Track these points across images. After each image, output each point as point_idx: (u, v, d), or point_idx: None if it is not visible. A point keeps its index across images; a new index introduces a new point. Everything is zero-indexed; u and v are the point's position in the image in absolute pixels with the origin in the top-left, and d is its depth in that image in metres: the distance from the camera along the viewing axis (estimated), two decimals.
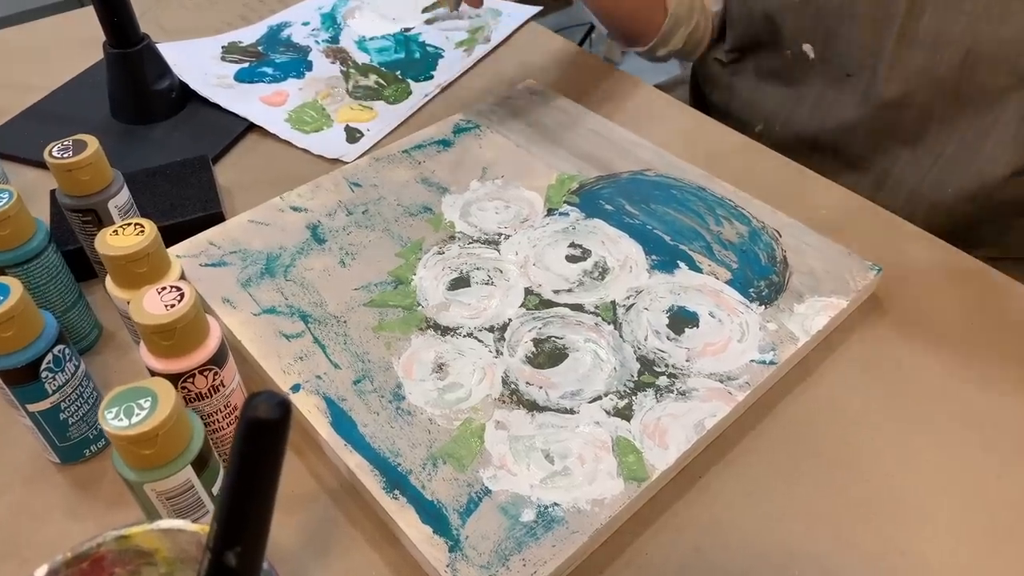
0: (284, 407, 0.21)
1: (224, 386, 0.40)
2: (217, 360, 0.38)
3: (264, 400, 0.21)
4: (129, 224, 0.41)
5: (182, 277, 0.43)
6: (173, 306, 0.36)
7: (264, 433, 0.21)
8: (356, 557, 0.39)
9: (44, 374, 0.39)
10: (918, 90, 0.61)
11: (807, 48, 0.65)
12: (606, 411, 0.43)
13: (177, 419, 0.33)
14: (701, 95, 0.81)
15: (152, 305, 0.36)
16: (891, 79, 0.61)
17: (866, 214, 0.57)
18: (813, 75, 0.67)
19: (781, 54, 0.68)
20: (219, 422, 0.41)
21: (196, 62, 0.74)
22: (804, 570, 0.38)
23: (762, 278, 0.50)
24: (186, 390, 0.38)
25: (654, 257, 0.52)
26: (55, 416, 0.40)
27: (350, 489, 0.42)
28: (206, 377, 0.38)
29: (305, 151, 0.65)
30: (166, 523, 0.25)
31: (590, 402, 0.43)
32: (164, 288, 0.37)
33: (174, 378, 0.37)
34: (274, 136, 0.67)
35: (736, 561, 0.38)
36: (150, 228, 0.41)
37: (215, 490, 0.36)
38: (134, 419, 0.32)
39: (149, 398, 0.32)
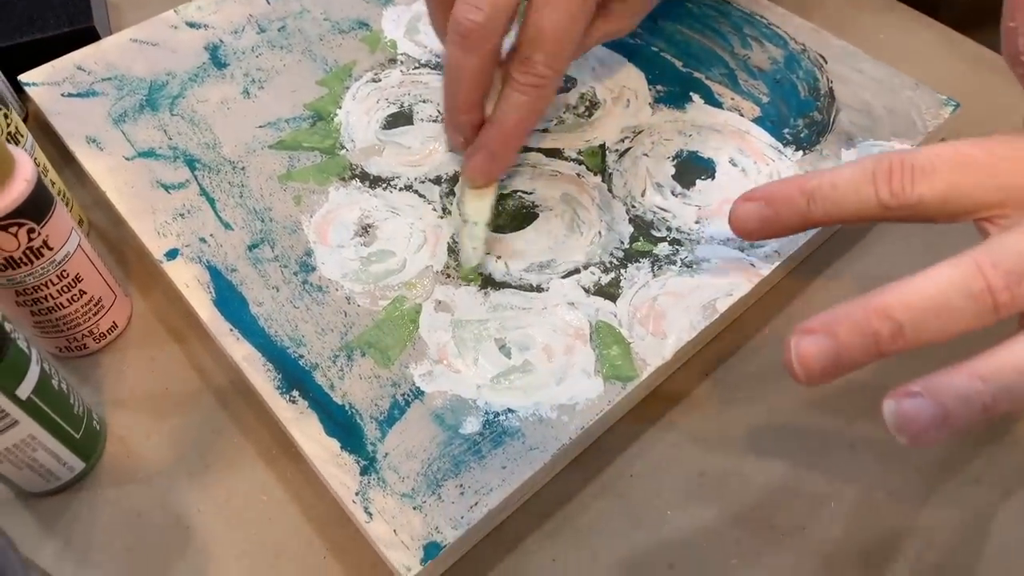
0: None
1: (51, 248, 0.28)
2: (31, 210, 0.27)
3: None
4: None
5: None
6: None
7: None
8: (243, 476, 0.30)
9: None
10: None
11: None
12: (585, 288, 0.32)
13: None
14: None
15: None
16: None
17: (938, 38, 0.44)
18: None
19: None
20: (53, 298, 0.30)
21: None
22: (843, 502, 0.28)
23: (800, 115, 0.38)
24: None
25: (660, 88, 0.39)
26: None
27: (242, 388, 0.32)
28: (15, 235, 0.27)
29: None
30: None
31: (564, 277, 0.32)
32: None
33: None
34: None
35: (751, 489, 0.29)
36: None
37: (23, 392, 0.25)
38: None
39: None
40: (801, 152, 0.36)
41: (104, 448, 0.30)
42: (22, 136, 0.33)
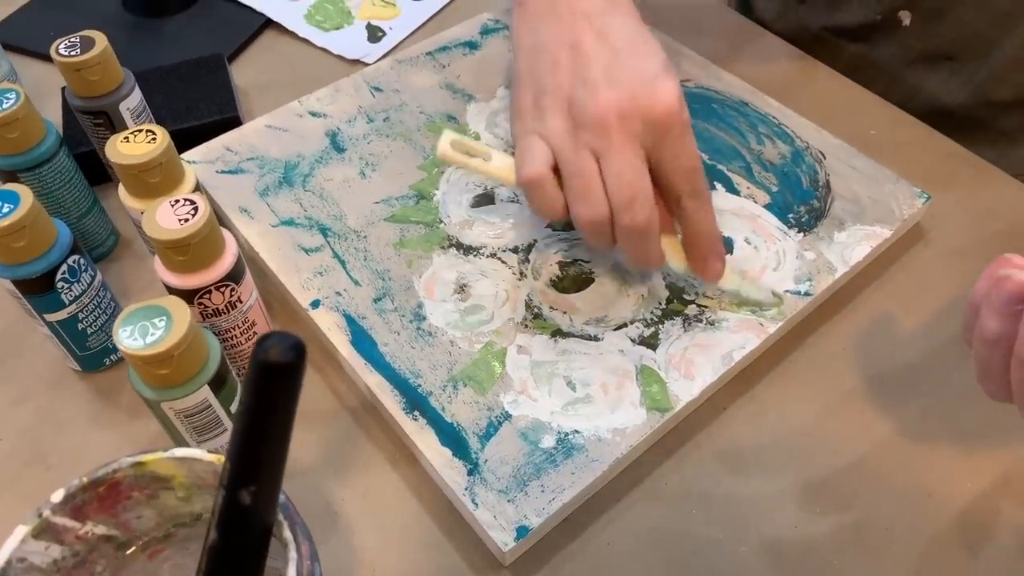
0: (298, 350, 0.20)
1: (242, 302, 0.39)
2: (234, 275, 0.37)
3: (277, 343, 0.19)
4: (141, 131, 0.39)
5: (196, 188, 0.41)
6: (187, 220, 0.35)
7: (277, 376, 0.20)
8: (375, 475, 0.39)
9: (60, 285, 0.38)
10: None
11: (903, 15, 0.57)
12: (631, 339, 0.42)
13: (193, 339, 0.32)
14: (750, 10, 0.72)
15: (166, 219, 0.35)
16: (1005, 81, 0.55)
17: (919, 136, 0.54)
18: (901, 43, 0.59)
19: (866, 10, 0.59)
20: (236, 338, 0.40)
21: None
22: (828, 506, 0.37)
23: (802, 203, 0.48)
24: (202, 306, 0.37)
25: None
26: (73, 326, 0.40)
27: (370, 408, 0.42)
28: (223, 293, 0.37)
29: (324, 50, 0.62)
30: (181, 451, 0.25)
31: (615, 330, 0.42)
32: (178, 201, 0.35)
33: (190, 294, 0.36)
34: (292, 34, 0.63)
35: (758, 494, 0.38)
36: (162, 136, 0.39)
37: (233, 407, 0.36)
38: (149, 339, 0.31)
39: (164, 317, 0.32)
40: (802, 234, 0.46)
41: None
42: None
